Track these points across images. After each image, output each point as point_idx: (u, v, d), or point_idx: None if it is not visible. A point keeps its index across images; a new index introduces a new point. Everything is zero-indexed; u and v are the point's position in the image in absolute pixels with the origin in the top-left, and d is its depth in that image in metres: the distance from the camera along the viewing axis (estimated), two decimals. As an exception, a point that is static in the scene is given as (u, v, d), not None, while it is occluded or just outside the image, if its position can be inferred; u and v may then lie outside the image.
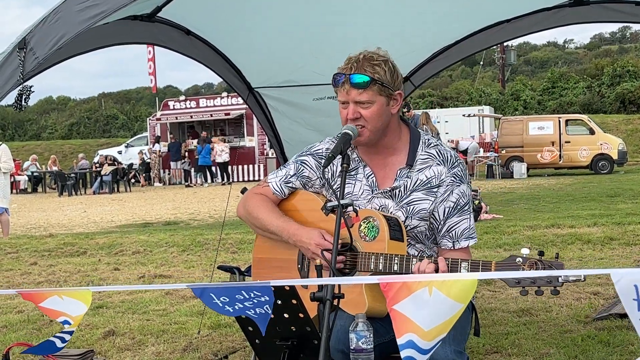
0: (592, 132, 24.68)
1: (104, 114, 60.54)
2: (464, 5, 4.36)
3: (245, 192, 3.51)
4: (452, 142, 26.23)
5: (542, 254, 2.29)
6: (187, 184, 30.02)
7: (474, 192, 11.77)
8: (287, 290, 2.18)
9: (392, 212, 2.72)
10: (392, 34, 4.49)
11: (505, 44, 42.96)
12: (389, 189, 2.73)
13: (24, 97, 2.54)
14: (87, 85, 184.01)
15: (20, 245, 10.99)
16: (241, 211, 2.98)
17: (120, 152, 35.78)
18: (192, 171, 30.54)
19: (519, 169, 24.37)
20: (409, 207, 2.71)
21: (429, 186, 2.72)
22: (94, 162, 32.52)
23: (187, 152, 30.98)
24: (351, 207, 2.48)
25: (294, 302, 2.20)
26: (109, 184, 28.34)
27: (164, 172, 31.93)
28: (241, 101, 6.34)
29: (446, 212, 2.71)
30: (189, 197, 22.36)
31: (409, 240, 2.72)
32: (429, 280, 1.87)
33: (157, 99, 38.08)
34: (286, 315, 2.25)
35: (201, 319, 5.36)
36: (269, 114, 5.35)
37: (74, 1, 2.51)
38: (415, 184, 2.72)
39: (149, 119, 35.05)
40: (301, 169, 2.90)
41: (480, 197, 12.31)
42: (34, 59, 2.49)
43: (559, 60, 74.42)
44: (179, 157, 31.12)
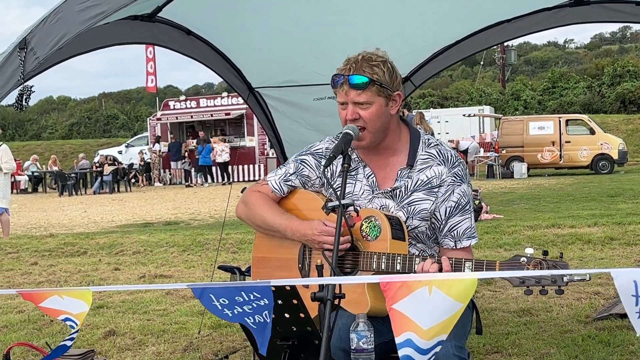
0: (592, 132, 24.67)
1: (104, 114, 60.54)
2: (464, 5, 4.36)
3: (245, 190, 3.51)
4: (453, 142, 26.22)
5: (546, 253, 2.29)
6: (187, 184, 30.03)
7: (475, 192, 11.77)
8: (288, 290, 2.18)
9: (392, 213, 2.72)
10: (392, 34, 4.49)
11: (505, 44, 42.95)
12: (390, 189, 2.73)
13: (24, 97, 2.54)
14: (88, 85, 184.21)
15: (20, 245, 10.99)
16: (241, 209, 2.97)
17: (120, 152, 35.78)
18: (192, 171, 30.55)
19: (520, 169, 24.37)
20: (409, 208, 2.71)
21: (429, 186, 2.72)
22: (95, 162, 32.51)
23: (187, 152, 30.98)
24: (352, 207, 2.48)
25: (294, 302, 2.20)
26: (109, 184, 28.35)
27: (164, 172, 31.93)
28: (241, 101, 6.35)
29: (448, 211, 2.71)
30: (189, 197, 22.37)
31: (410, 240, 2.72)
32: (429, 279, 1.87)
33: (157, 98, 38.08)
34: (287, 315, 2.25)
35: (202, 319, 5.36)
36: (270, 114, 5.35)
37: (74, 1, 2.51)
38: (416, 184, 2.72)
39: (150, 119, 35.05)
40: (301, 168, 2.90)
41: (480, 197, 12.30)
42: (34, 59, 2.50)
43: (559, 60, 74.41)
44: (179, 157, 31.12)
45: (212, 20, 4.28)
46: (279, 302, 2.20)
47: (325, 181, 2.85)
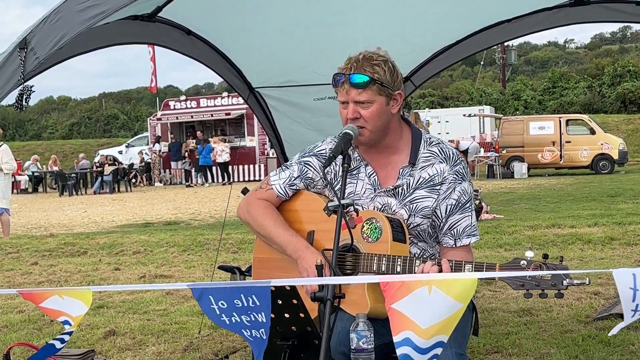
0: (592, 132, 24.68)
1: (104, 113, 60.54)
2: (465, 5, 4.36)
3: (246, 192, 3.50)
4: (453, 142, 26.21)
5: (546, 257, 2.29)
6: (187, 184, 30.03)
7: (475, 192, 11.76)
8: (288, 290, 2.18)
9: (394, 211, 2.72)
10: (392, 34, 4.49)
11: (505, 44, 42.95)
12: (392, 188, 2.73)
13: (24, 97, 2.54)
14: (88, 85, 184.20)
15: (21, 245, 11.00)
16: (243, 214, 2.94)
17: (120, 152, 35.79)
18: (192, 171, 30.55)
19: (520, 169, 24.37)
20: (411, 205, 2.71)
21: (431, 184, 2.72)
22: (95, 162, 32.51)
23: (187, 152, 30.98)
24: (352, 207, 2.48)
25: (294, 302, 2.20)
26: (109, 184, 28.35)
27: (164, 171, 31.93)
28: (242, 101, 6.35)
29: (448, 209, 2.71)
30: (189, 197, 22.37)
31: (411, 238, 2.72)
32: (430, 279, 1.87)
33: (157, 98, 38.09)
34: (287, 315, 2.24)
35: (202, 319, 5.36)
36: (270, 114, 5.35)
37: (74, 1, 2.51)
38: (417, 182, 2.72)
39: (150, 119, 35.06)
40: (305, 171, 2.88)
41: (481, 197, 12.31)
42: (34, 59, 2.49)
43: (559, 60, 74.44)
44: (179, 157, 31.12)
45: (213, 20, 4.28)
46: (279, 302, 2.19)
47: (327, 182, 2.85)
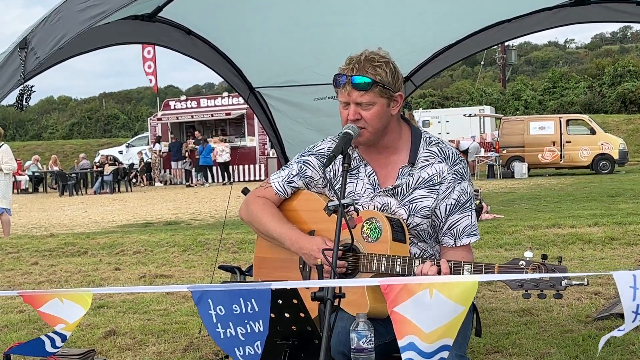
0: (593, 132, 24.67)
1: (105, 113, 60.55)
2: (465, 5, 4.36)
3: (246, 192, 3.50)
4: (453, 142, 26.21)
5: (545, 257, 2.29)
6: (188, 183, 30.03)
7: (475, 192, 11.76)
8: (289, 289, 2.18)
9: (394, 211, 2.72)
10: (392, 34, 4.49)
11: (506, 44, 42.94)
12: (391, 187, 2.73)
13: (25, 97, 2.54)
14: (88, 85, 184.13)
15: (21, 245, 11.00)
16: (243, 213, 2.97)
17: (121, 152, 35.79)
18: (193, 171, 30.55)
19: (520, 168, 24.36)
20: (411, 205, 2.71)
21: (431, 184, 2.72)
22: (95, 162, 32.52)
23: (187, 152, 30.99)
24: (352, 207, 2.48)
25: (295, 301, 2.20)
26: (110, 184, 28.35)
27: (164, 171, 31.93)
28: (242, 101, 6.35)
29: (448, 209, 2.71)
30: (189, 197, 22.37)
31: (412, 238, 2.72)
32: (430, 282, 1.87)
33: (157, 98, 38.09)
34: (287, 314, 2.24)
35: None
36: (270, 113, 5.35)
37: (75, 1, 2.51)
38: (417, 181, 2.72)
39: (150, 119, 35.06)
40: (304, 169, 2.89)
41: (481, 197, 12.31)
42: (35, 59, 2.50)
43: (559, 60, 74.44)
44: (179, 157, 31.13)
45: (213, 20, 4.28)
46: (279, 301, 2.20)
47: (327, 182, 2.85)
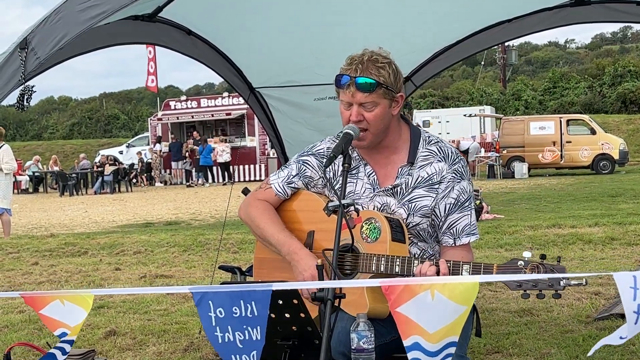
0: (593, 132, 24.67)
1: (105, 114, 60.56)
2: (465, 5, 4.36)
3: (246, 192, 3.50)
4: (454, 142, 26.21)
5: (544, 257, 2.29)
6: (188, 184, 30.03)
7: (475, 192, 11.76)
8: (289, 289, 2.18)
9: (394, 210, 2.72)
10: (392, 34, 4.49)
11: (506, 44, 42.94)
12: (391, 187, 2.73)
13: (25, 97, 2.54)
14: (89, 85, 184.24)
15: (21, 245, 11.00)
16: (242, 214, 2.96)
17: (121, 152, 35.78)
18: (193, 171, 30.56)
19: (520, 169, 24.36)
20: (410, 205, 2.71)
21: (430, 183, 2.72)
22: (95, 162, 32.52)
23: (188, 152, 31.00)
24: (352, 207, 2.48)
25: (295, 301, 2.20)
26: (110, 184, 28.36)
27: (165, 172, 31.94)
28: (242, 101, 6.35)
29: (447, 208, 2.71)
30: (190, 197, 22.37)
31: (411, 238, 2.72)
32: (431, 283, 1.87)
33: (158, 99, 38.09)
34: (287, 315, 2.24)
35: (202, 319, 5.36)
36: (270, 114, 5.35)
37: (75, 1, 2.51)
38: (416, 181, 2.72)
39: (150, 119, 35.05)
40: (303, 169, 2.89)
41: (481, 197, 12.30)
42: (35, 59, 2.50)
43: (560, 60, 74.44)
44: (180, 157, 31.13)
45: (213, 20, 4.28)
46: (280, 302, 2.20)
47: (327, 181, 2.85)
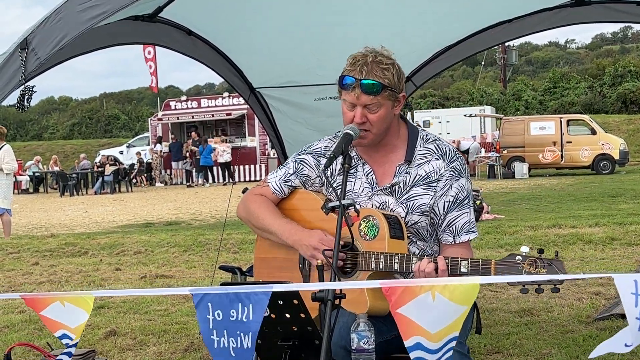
0: (593, 132, 24.68)
1: (105, 114, 60.57)
2: (465, 5, 4.36)
3: (246, 192, 3.50)
4: (454, 142, 26.22)
5: (541, 251, 2.29)
6: (188, 184, 30.04)
7: (476, 192, 11.76)
8: (289, 290, 2.18)
9: (392, 209, 2.72)
10: (392, 34, 4.49)
11: (506, 44, 42.94)
12: (389, 186, 2.73)
13: (26, 97, 2.54)
14: (89, 85, 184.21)
15: (21, 245, 11.00)
16: (241, 211, 2.97)
17: (121, 152, 35.80)
18: (193, 171, 30.57)
19: (521, 169, 24.36)
20: (409, 203, 2.71)
21: (428, 181, 2.72)
22: (96, 162, 32.53)
23: (188, 152, 31.01)
24: (352, 207, 2.48)
25: (295, 302, 2.20)
26: (110, 184, 28.37)
27: (165, 172, 31.94)
28: (242, 101, 6.36)
29: (446, 206, 2.71)
30: (190, 197, 22.37)
31: (411, 237, 2.72)
32: (431, 284, 1.87)
33: (158, 99, 38.09)
34: (287, 315, 2.24)
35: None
36: (271, 114, 5.35)
37: (75, 1, 2.51)
38: (414, 179, 2.72)
39: (151, 119, 35.06)
40: (300, 168, 2.90)
41: (481, 197, 12.29)
42: (35, 59, 2.50)
43: (560, 60, 74.46)
44: (180, 157, 31.14)
45: (213, 20, 4.28)
46: (280, 302, 2.20)
47: (325, 180, 2.86)
